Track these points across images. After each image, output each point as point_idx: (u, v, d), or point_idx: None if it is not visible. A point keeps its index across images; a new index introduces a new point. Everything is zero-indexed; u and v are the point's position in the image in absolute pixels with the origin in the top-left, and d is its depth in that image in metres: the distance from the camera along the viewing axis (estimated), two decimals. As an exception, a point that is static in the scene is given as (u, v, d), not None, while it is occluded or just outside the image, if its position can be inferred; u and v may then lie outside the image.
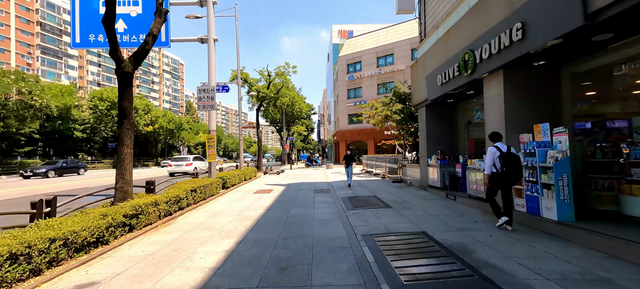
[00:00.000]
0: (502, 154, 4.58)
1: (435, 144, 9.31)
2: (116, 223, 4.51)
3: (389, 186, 11.18)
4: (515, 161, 4.57)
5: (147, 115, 39.31)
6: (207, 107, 9.86)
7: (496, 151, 4.67)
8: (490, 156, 4.74)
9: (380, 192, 9.40)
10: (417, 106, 10.15)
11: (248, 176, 14.46)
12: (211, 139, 10.10)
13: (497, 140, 4.86)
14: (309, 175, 17.64)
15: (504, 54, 5.13)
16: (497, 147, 4.70)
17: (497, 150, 4.67)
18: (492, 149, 4.75)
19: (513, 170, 4.54)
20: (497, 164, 4.64)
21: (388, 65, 31.65)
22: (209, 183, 8.65)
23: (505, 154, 4.58)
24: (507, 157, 4.55)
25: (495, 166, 4.67)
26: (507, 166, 4.52)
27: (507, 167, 4.52)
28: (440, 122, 9.38)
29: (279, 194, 9.59)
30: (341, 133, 35.30)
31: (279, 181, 14.11)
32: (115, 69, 5.54)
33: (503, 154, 4.59)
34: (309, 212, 6.74)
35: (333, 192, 9.94)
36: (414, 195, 8.64)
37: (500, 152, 4.61)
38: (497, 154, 4.66)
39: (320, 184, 12.57)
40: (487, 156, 4.83)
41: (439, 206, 6.94)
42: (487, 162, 4.79)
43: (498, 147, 4.69)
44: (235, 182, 11.97)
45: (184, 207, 6.89)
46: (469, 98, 8.34)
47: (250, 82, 20.87)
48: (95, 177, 20.62)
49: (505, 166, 4.53)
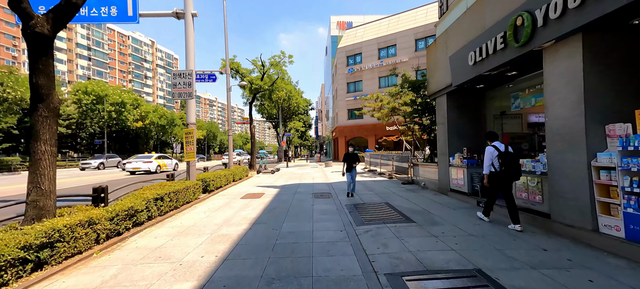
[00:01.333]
0: (500, 153, 4.60)
1: (459, 140, 7.75)
2: (4, 262, 2.88)
3: (399, 188, 9.62)
4: (514, 160, 4.58)
5: (137, 110, 37.39)
6: (184, 95, 8.19)
7: (494, 150, 4.69)
8: (488, 155, 4.75)
9: (392, 198, 7.84)
10: (434, 94, 8.57)
11: (238, 176, 12.84)
12: (189, 135, 8.45)
13: (494, 139, 4.92)
14: (307, 175, 16.05)
15: (589, 8, 3.53)
16: (495, 147, 4.69)
17: (495, 149, 4.68)
18: (490, 148, 4.76)
19: (512, 169, 4.56)
20: (496, 164, 4.67)
21: (390, 57, 29.99)
22: (183, 188, 7.02)
23: (503, 153, 4.59)
24: (506, 157, 4.57)
25: (494, 165, 4.70)
26: (506, 165, 4.55)
27: (506, 166, 4.55)
28: (464, 114, 7.81)
29: (270, 200, 7.99)
30: (340, 129, 33.71)
31: (273, 182, 12.51)
32: (22, 28, 3.81)
33: (501, 153, 4.60)
34: (306, 227, 5.16)
35: (335, 197, 8.37)
36: (435, 202, 7.08)
37: (499, 152, 4.62)
38: (495, 153, 4.68)
39: (320, 185, 11.00)
40: (485, 156, 4.83)
41: (474, 219, 5.38)
42: (486, 162, 4.80)
43: (496, 147, 4.68)
44: (221, 185, 10.35)
45: (143, 221, 5.27)
46: (504, 82, 6.77)
47: (243, 73, 19.14)
48: (67, 176, 18.86)
49: (503, 166, 4.57)
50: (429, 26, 27.59)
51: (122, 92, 35.01)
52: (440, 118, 8.27)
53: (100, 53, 79.12)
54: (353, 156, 7.98)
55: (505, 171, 4.56)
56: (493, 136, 5.00)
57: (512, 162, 4.54)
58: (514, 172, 4.56)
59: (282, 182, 12.53)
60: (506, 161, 4.54)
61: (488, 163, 4.77)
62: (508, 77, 6.32)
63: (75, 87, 33.27)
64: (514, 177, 4.61)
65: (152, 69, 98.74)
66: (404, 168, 11.96)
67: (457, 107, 7.83)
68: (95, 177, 17.29)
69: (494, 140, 4.90)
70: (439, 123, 8.33)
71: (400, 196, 8.17)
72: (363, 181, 12.16)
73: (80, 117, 34.28)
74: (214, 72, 13.34)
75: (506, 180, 4.62)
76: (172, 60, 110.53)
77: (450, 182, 7.73)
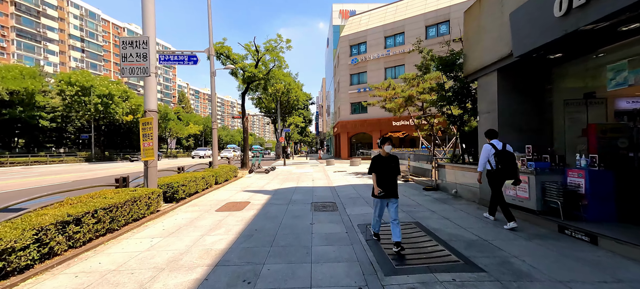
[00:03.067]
0: (497, 152, 4.55)
1: (516, 134, 5.61)
2: None
3: (423, 197, 7.49)
4: (511, 158, 4.50)
5: (126, 103, 35.16)
6: (138, 71, 6.00)
7: (491, 148, 4.62)
8: (485, 153, 4.71)
9: (420, 213, 5.70)
10: (475, 74, 6.39)
11: (223, 178, 10.71)
12: (147, 126, 6.29)
13: (493, 137, 4.77)
14: (306, 175, 13.92)
15: None
16: (493, 145, 4.64)
17: (493, 147, 4.62)
18: (487, 146, 4.70)
19: (508, 167, 4.48)
20: (492, 162, 4.62)
21: (397, 46, 27.66)
22: (126, 201, 4.88)
23: (500, 152, 4.54)
24: (503, 155, 4.50)
25: (490, 163, 4.67)
26: (503, 164, 4.49)
27: (502, 164, 4.49)
28: (525, 99, 5.65)
29: (254, 215, 5.87)
30: (343, 124, 31.51)
31: (265, 185, 10.39)
32: None
33: (498, 152, 4.55)
34: (299, 274, 3.05)
35: (342, 209, 6.25)
36: (488, 225, 4.95)
37: (496, 150, 4.57)
38: (492, 151, 4.61)
39: (320, 190, 8.88)
40: (481, 153, 4.79)
41: (583, 264, 3.24)
42: (481, 159, 4.76)
43: (493, 145, 4.64)
44: (197, 190, 8.23)
45: (21, 268, 3.14)
46: (597, 47, 4.59)
47: (234, 59, 16.90)
48: (38, 174, 16.73)
49: (500, 164, 4.50)
50: (441, 11, 25.22)
51: (109, 84, 32.69)
52: (485, 105, 6.10)
53: (94, 45, 76.72)
54: (391, 163, 3.95)
55: (502, 169, 4.51)
56: (493, 133, 4.85)
57: (508, 161, 4.49)
58: (510, 171, 4.50)
59: (275, 185, 10.41)
60: (503, 160, 4.49)
61: (484, 161, 4.74)
62: (609, 38, 4.14)
63: (58, 77, 30.99)
64: (509, 177, 4.54)
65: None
66: (423, 169, 9.82)
67: (513, 90, 5.66)
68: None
69: (494, 138, 4.79)
70: (483, 112, 6.16)
71: (430, 210, 6.04)
72: (371, 184, 10.02)
73: (66, 110, 32.08)
74: (195, 53, 11.15)
75: (501, 178, 4.61)
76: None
77: (505, 193, 5.58)
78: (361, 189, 8.98)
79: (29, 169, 21.00)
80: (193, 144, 69.53)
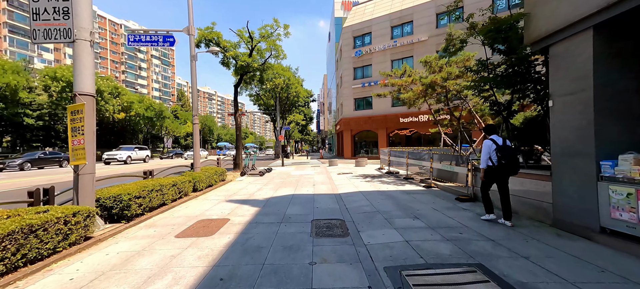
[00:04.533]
0: (498, 147, 4.49)
1: (621, 124, 3.68)
2: None
3: (463, 214, 5.57)
4: (513, 153, 4.45)
5: (117, 99, 33.35)
6: (56, 34, 4.09)
7: (492, 144, 4.58)
8: (486, 149, 4.64)
9: (480, 248, 3.77)
10: (549, 38, 4.45)
11: (205, 183, 8.83)
12: (77, 116, 4.39)
13: (492, 133, 4.79)
14: (305, 179, 12.03)
15: None
16: (493, 140, 4.60)
17: (493, 143, 4.56)
18: (488, 142, 4.64)
19: (510, 163, 4.41)
20: (494, 158, 4.54)
21: (405, 36, 25.64)
22: (23, 230, 3.00)
23: (502, 147, 4.47)
24: (504, 150, 4.44)
25: (492, 159, 4.57)
26: (505, 159, 4.42)
27: (505, 160, 4.42)
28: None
29: (228, 245, 3.97)
30: (345, 121, 29.57)
31: (255, 192, 8.50)
32: None
33: (500, 147, 4.48)
34: None
35: (355, 233, 4.34)
36: (601, 270, 3.04)
37: (497, 145, 4.50)
38: (493, 147, 4.55)
39: (323, 200, 6.97)
40: (482, 150, 4.71)
41: None
42: (483, 156, 4.68)
43: (494, 140, 4.59)
44: (164, 202, 6.34)
45: None
46: None
47: (225, 46, 14.98)
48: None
49: (503, 159, 4.43)
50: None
51: (98, 79, 30.91)
52: (567, 84, 4.16)
53: (90, 42, 74.83)
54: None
55: (504, 165, 4.43)
56: (492, 129, 4.84)
57: (510, 157, 4.40)
58: (512, 167, 4.42)
59: (268, 192, 8.51)
60: (505, 155, 4.41)
61: (485, 157, 4.64)
62: None
63: (42, 72, 29.21)
64: (512, 172, 4.49)
65: (146, 59, 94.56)
66: (451, 173, 7.89)
67: (618, 59, 3.72)
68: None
69: (493, 133, 4.76)
70: (563, 94, 4.22)
71: (487, 237, 4.12)
72: (387, 191, 8.11)
73: (53, 107, 30.32)
74: (172, 33, 9.27)
75: (504, 174, 4.55)
76: (168, 51, 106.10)
77: (600, 213, 3.67)
78: (375, 199, 7.06)
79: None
80: (191, 143, 67.79)
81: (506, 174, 4.54)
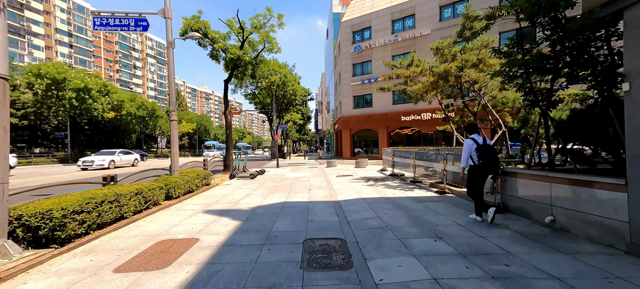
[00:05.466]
0: (478, 146, 4.49)
1: None
2: None
3: (495, 232, 4.38)
4: (492, 153, 4.49)
5: (106, 97, 31.99)
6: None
7: (473, 143, 4.55)
8: (466, 148, 4.64)
9: (539, 284, 2.60)
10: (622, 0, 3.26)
11: (183, 189, 7.60)
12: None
13: (473, 132, 4.77)
14: (300, 183, 10.84)
15: None
16: (474, 139, 4.58)
17: (474, 142, 4.55)
18: (469, 141, 4.62)
19: (489, 163, 4.47)
20: (474, 157, 4.53)
21: (407, 30, 24.47)
22: None
23: (481, 146, 4.47)
24: (484, 149, 4.45)
25: (472, 158, 4.57)
26: (484, 158, 4.44)
27: (483, 159, 4.44)
28: None
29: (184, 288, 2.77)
30: (344, 120, 28.39)
31: (241, 200, 7.28)
32: None
33: (480, 146, 4.48)
34: None
35: (360, 263, 3.10)
36: None
37: (477, 144, 4.51)
38: (474, 146, 4.54)
39: (320, 210, 5.76)
40: (463, 149, 4.72)
41: None
42: (464, 155, 4.69)
43: (474, 140, 4.58)
44: (122, 215, 5.11)
45: None
46: None
47: (213, 37, 13.75)
48: None
49: (481, 158, 4.44)
50: (457, -11, 22.04)
51: (85, 76, 29.52)
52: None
53: (83, 40, 73.34)
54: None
55: (483, 164, 4.45)
56: (473, 128, 4.86)
57: (489, 156, 4.44)
58: (491, 166, 4.49)
59: (256, 199, 7.30)
60: (484, 154, 4.43)
61: (466, 156, 4.64)
62: None
63: (25, 69, 27.79)
64: (492, 171, 4.58)
65: (141, 58, 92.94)
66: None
67: None
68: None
69: (474, 132, 4.73)
70: (648, 72, 3.04)
71: (548, 273, 2.91)
72: (394, 198, 6.92)
73: (38, 106, 28.89)
74: (145, 16, 8.02)
75: (483, 174, 4.55)
76: (164, 50, 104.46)
77: None
78: (382, 209, 5.86)
79: None
80: (187, 144, 66.34)
81: (486, 174, 4.59)
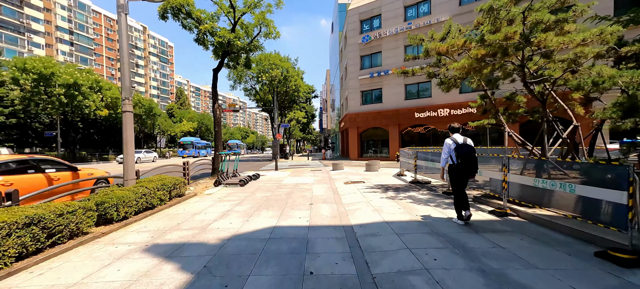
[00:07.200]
0: (457, 146, 4.47)
1: None
2: None
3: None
4: (470, 152, 4.40)
5: (98, 94, 30.23)
6: None
7: (452, 142, 4.56)
8: (446, 148, 4.67)
9: None
10: None
11: (136, 207, 5.43)
12: None
13: (455, 131, 4.72)
14: (300, 191, 8.61)
15: None
16: (454, 139, 4.56)
17: (454, 142, 4.54)
18: (449, 140, 4.64)
19: (468, 162, 4.38)
20: (453, 156, 4.52)
21: (421, 17, 22.06)
22: None
23: (460, 146, 4.44)
24: (463, 149, 4.41)
25: (452, 158, 4.57)
26: (462, 158, 4.40)
27: (461, 159, 4.41)
28: None
29: None
30: (351, 117, 26.10)
31: (210, 223, 5.07)
32: None
33: (459, 146, 4.45)
34: None
35: None
36: None
37: (456, 144, 4.49)
38: (453, 146, 4.53)
39: (322, 246, 3.50)
40: (443, 149, 4.76)
41: None
42: (443, 155, 4.73)
43: (454, 139, 4.56)
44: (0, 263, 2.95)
45: None
46: None
47: (198, 17, 11.64)
48: None
49: (459, 158, 4.42)
50: (479, -31, 19.54)
51: (75, 72, 27.78)
52: None
53: (85, 38, 72.30)
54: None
55: (462, 164, 4.39)
56: (454, 129, 4.73)
57: (468, 156, 4.35)
58: (470, 166, 4.38)
59: (234, 222, 5.07)
60: (461, 154, 4.37)
61: (445, 156, 4.68)
62: None
63: (11, 63, 26.15)
64: (470, 171, 4.41)
65: (144, 56, 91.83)
66: (553, 194, 4.40)
67: None
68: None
69: (455, 132, 4.69)
70: None
71: None
72: (434, 224, 4.64)
73: (26, 103, 27.25)
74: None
75: (463, 173, 4.47)
76: (166, 49, 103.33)
77: None
78: (420, 243, 3.59)
79: None
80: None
81: (465, 173, 4.46)
